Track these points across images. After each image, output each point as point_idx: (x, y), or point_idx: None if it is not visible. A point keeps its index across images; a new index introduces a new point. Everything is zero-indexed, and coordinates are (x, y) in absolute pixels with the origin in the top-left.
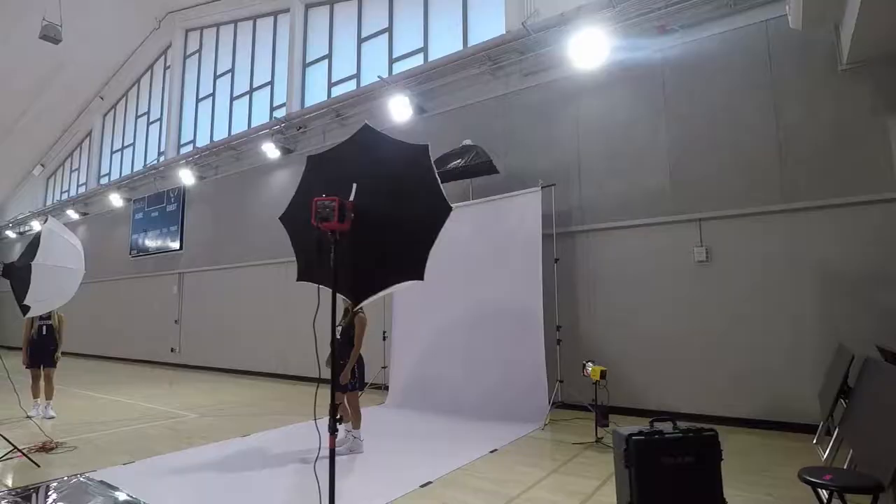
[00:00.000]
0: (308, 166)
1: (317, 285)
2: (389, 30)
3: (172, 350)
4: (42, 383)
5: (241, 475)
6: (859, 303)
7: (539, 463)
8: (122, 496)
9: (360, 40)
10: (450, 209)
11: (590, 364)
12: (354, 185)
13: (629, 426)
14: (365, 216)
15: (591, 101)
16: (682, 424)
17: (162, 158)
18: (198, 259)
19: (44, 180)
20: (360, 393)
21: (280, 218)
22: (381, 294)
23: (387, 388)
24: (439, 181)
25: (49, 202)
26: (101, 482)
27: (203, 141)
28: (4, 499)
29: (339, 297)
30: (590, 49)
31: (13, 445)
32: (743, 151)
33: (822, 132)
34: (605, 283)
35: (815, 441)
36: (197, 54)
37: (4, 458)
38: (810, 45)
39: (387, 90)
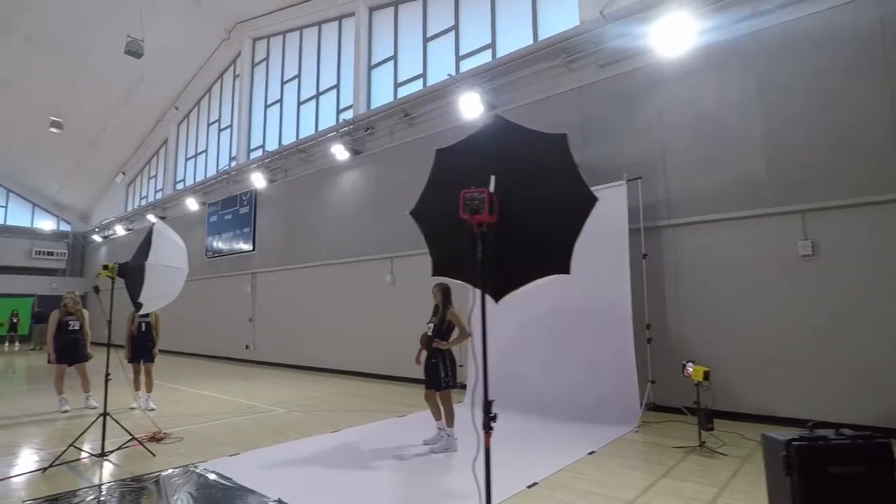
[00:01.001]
0: (437, 159)
1: (442, 281)
2: (456, 27)
3: (247, 347)
4: (142, 377)
5: (345, 469)
6: None
7: (643, 466)
8: (235, 487)
9: (426, 39)
10: (595, 199)
11: (690, 364)
12: (493, 177)
13: (780, 432)
14: (506, 208)
15: (675, 90)
16: (846, 431)
17: (233, 163)
18: (269, 259)
19: (124, 187)
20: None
21: (411, 213)
22: (522, 289)
23: (463, 386)
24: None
25: (129, 208)
26: (215, 472)
27: (272, 145)
28: (130, 484)
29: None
30: (674, 35)
31: (131, 435)
32: (851, 136)
33: None
34: (697, 279)
35: None
36: (264, 62)
37: (123, 446)
38: None
39: (456, 88)
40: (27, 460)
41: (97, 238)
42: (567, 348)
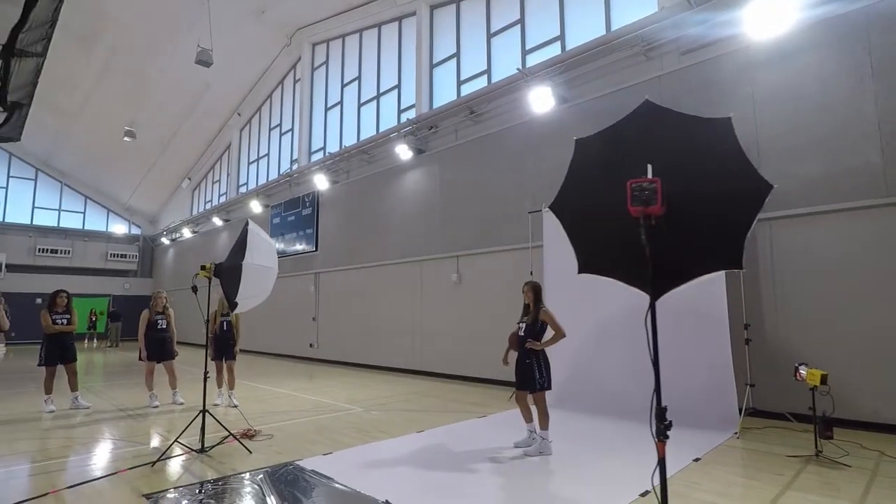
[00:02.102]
0: (577, 150)
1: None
2: (521, 21)
3: (311, 345)
4: (225, 374)
5: (443, 471)
6: None
7: (759, 476)
8: (342, 487)
9: (490, 35)
10: (770, 186)
11: (804, 367)
12: (649, 166)
13: None
14: (666, 199)
15: (769, 74)
16: None
17: (295, 166)
18: (332, 259)
19: (190, 192)
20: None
21: (550, 207)
22: (684, 285)
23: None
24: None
25: (195, 211)
26: (315, 472)
27: (333, 147)
28: (235, 481)
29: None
30: (768, 16)
31: (229, 432)
32: None
33: None
34: (798, 275)
35: None
36: (324, 66)
37: (221, 443)
38: None
39: (524, 83)
40: (132, 454)
41: (165, 241)
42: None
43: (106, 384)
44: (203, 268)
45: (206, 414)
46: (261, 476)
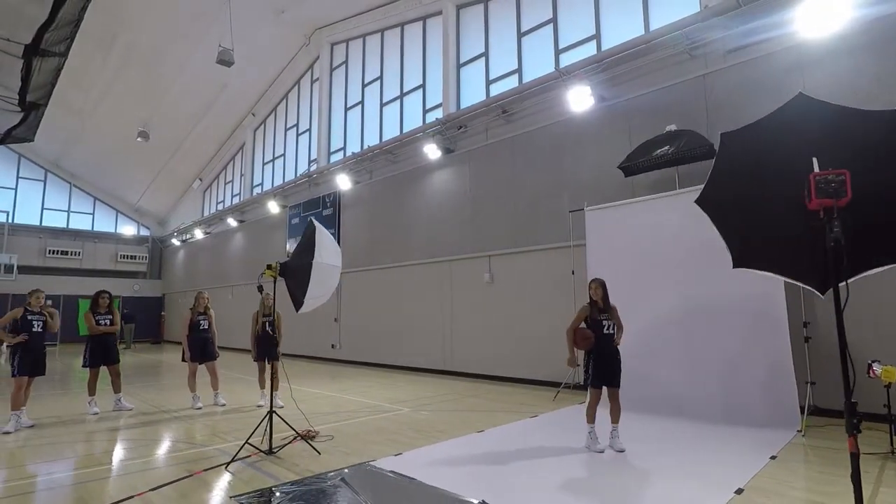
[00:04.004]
0: (724, 143)
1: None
2: (554, 21)
3: (333, 346)
4: (267, 375)
5: (527, 470)
6: None
7: (844, 473)
8: (426, 485)
9: (520, 35)
10: None
11: (878, 364)
12: (815, 159)
13: None
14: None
15: (821, 73)
16: None
17: (314, 166)
18: (355, 259)
19: (201, 193)
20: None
21: (697, 201)
22: (858, 277)
23: (582, 387)
24: None
25: (206, 212)
26: (393, 472)
27: (354, 147)
28: (318, 482)
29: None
30: (820, 13)
31: (296, 433)
32: None
33: None
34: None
35: None
36: (343, 65)
37: (288, 443)
38: None
39: (560, 82)
40: (195, 455)
41: (175, 242)
42: (707, 348)
43: (136, 386)
44: (269, 267)
45: (272, 416)
46: (342, 477)
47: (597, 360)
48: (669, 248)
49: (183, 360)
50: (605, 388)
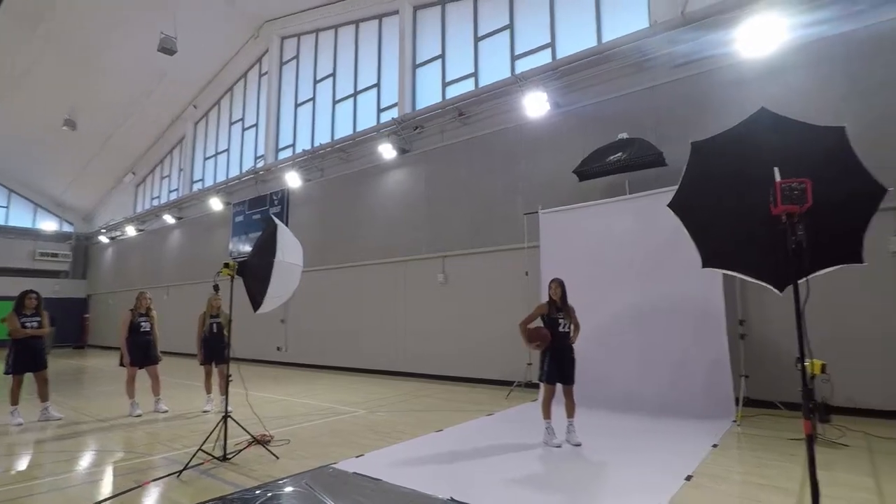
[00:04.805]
0: (694, 152)
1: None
2: (511, 27)
3: (279, 349)
4: (216, 379)
5: (490, 467)
6: None
7: (778, 458)
8: (393, 485)
9: (477, 39)
10: (884, 190)
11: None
12: (776, 169)
13: None
14: None
15: (758, 90)
16: None
17: (261, 163)
18: (305, 260)
19: (133, 187)
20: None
21: (669, 205)
22: (811, 277)
23: (534, 385)
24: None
25: (139, 208)
26: (356, 473)
27: (304, 144)
28: (282, 486)
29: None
30: (757, 35)
31: (253, 437)
32: None
33: None
34: None
35: None
36: (294, 60)
37: (241, 449)
38: None
39: (516, 87)
40: (141, 465)
41: (104, 239)
42: (657, 346)
43: (63, 394)
44: (226, 266)
45: (227, 421)
46: (305, 481)
47: (552, 357)
48: (620, 251)
49: (121, 364)
50: (559, 385)
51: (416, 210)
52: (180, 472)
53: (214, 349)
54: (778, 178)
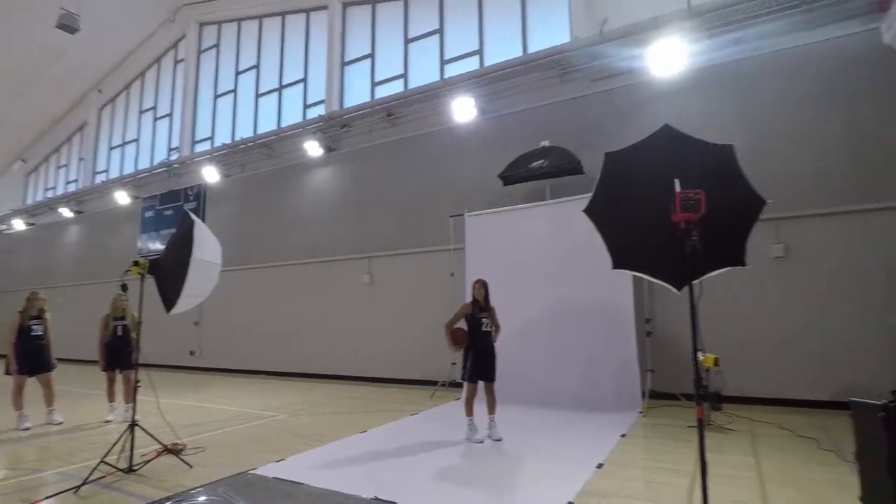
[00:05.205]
0: (607, 162)
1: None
2: (440, 32)
3: (192, 353)
4: (120, 386)
5: (416, 465)
6: None
7: (679, 443)
8: (315, 488)
9: (407, 41)
10: (764, 202)
11: (700, 352)
12: (676, 180)
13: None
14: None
15: (665, 106)
16: None
17: (175, 155)
18: (222, 259)
19: (23, 176)
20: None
21: (585, 211)
22: (703, 278)
23: (458, 384)
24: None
25: (31, 200)
26: (277, 478)
27: (224, 138)
28: (196, 496)
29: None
30: (665, 57)
31: (164, 446)
32: (819, 156)
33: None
34: None
35: None
36: (214, 49)
37: (149, 460)
38: (893, 61)
39: (445, 91)
40: (32, 483)
41: None
42: (570, 344)
43: None
44: (136, 264)
45: (134, 429)
46: (222, 489)
47: (474, 356)
48: (540, 253)
49: (7, 372)
50: (481, 383)
51: (342, 210)
52: (78, 487)
53: (119, 354)
54: (678, 188)
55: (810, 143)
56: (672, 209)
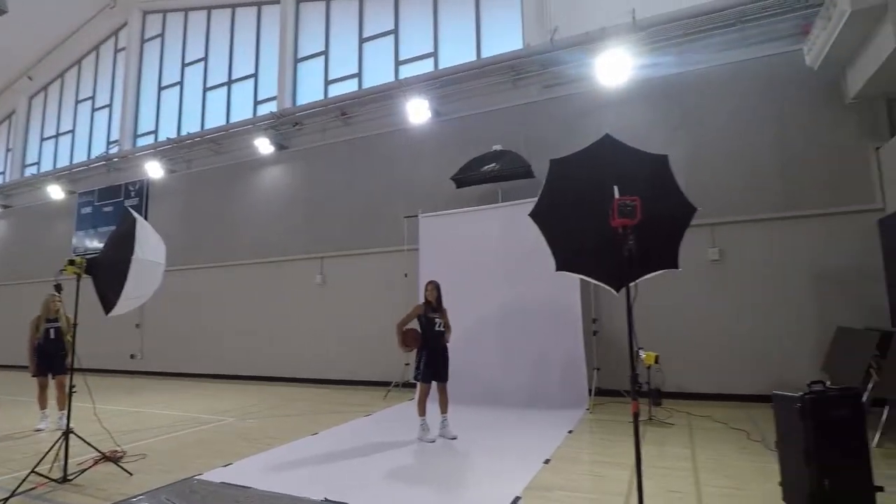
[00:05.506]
0: (552, 168)
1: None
2: (395, 32)
3: (133, 357)
4: (54, 392)
5: (368, 466)
6: (848, 294)
7: (623, 438)
8: (263, 492)
9: (362, 40)
10: (695, 209)
11: (642, 351)
12: (616, 187)
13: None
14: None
15: (611, 115)
16: (833, 387)
17: (115, 149)
18: (166, 258)
19: None
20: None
21: (530, 215)
22: (639, 280)
23: (412, 384)
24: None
25: None
26: (224, 483)
27: (168, 132)
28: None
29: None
30: (613, 66)
31: (102, 453)
32: (750, 166)
33: (819, 151)
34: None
35: None
36: (159, 39)
37: (85, 469)
38: (814, 80)
39: (399, 91)
40: None
41: None
42: (520, 343)
43: None
44: (71, 262)
45: (69, 437)
46: (165, 496)
47: (427, 356)
48: (491, 255)
49: None
50: (433, 383)
51: (294, 209)
52: (6, 500)
53: (52, 358)
54: (617, 195)
55: (743, 155)
56: (611, 215)
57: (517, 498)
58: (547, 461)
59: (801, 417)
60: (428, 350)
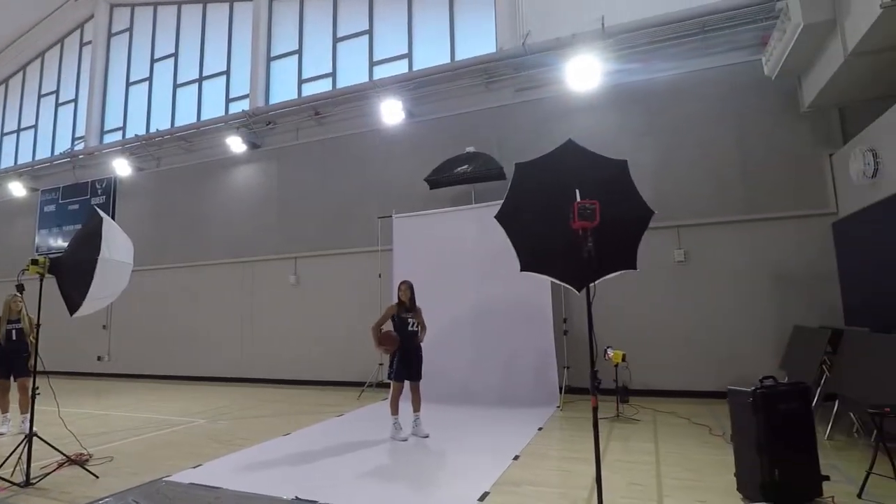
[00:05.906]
0: (517, 171)
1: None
2: (370, 33)
3: (99, 359)
4: (14, 395)
5: (339, 465)
6: (805, 294)
7: (590, 434)
8: (233, 492)
9: (336, 40)
10: (652, 213)
11: (610, 349)
12: (578, 191)
13: (741, 385)
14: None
15: (582, 119)
16: (783, 381)
17: (81, 145)
18: (135, 257)
19: None
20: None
21: (496, 217)
22: (599, 280)
23: (386, 384)
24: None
25: None
26: (193, 484)
27: (137, 129)
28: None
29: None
30: (583, 72)
31: (66, 456)
32: (714, 170)
33: (778, 157)
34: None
35: None
36: (127, 33)
37: (49, 472)
38: (773, 89)
39: (373, 92)
40: None
41: None
42: (492, 343)
43: None
44: (34, 262)
45: (32, 440)
46: (133, 498)
47: (401, 356)
48: (464, 256)
49: None
50: (407, 382)
51: (266, 208)
52: None
53: (13, 360)
54: (578, 198)
55: (707, 160)
56: (571, 217)
57: (486, 493)
58: (516, 457)
59: (754, 411)
60: (402, 349)
